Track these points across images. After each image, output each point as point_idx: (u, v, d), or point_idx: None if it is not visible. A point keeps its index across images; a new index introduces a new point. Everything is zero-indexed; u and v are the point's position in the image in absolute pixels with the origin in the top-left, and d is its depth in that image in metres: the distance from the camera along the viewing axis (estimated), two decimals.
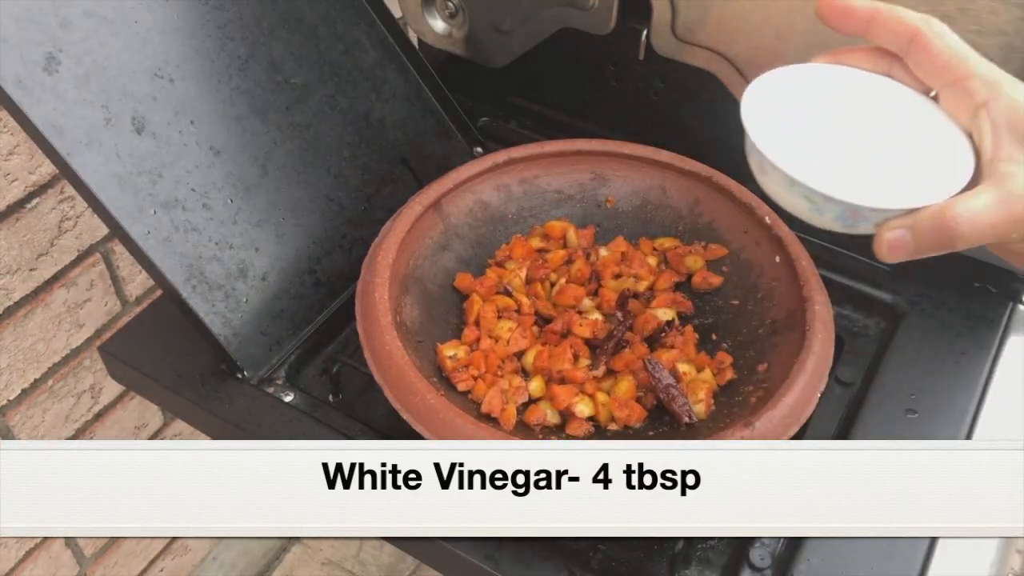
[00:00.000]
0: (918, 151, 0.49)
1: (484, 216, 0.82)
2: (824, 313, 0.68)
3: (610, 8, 0.83)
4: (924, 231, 0.46)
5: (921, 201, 0.45)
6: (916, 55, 0.48)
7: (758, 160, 0.50)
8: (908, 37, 0.48)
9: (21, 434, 0.97)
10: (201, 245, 0.71)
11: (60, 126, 0.64)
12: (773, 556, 0.63)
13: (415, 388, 0.63)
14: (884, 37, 0.49)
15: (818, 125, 0.52)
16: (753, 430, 0.60)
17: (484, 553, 0.62)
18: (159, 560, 1.28)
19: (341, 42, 0.84)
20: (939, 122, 0.49)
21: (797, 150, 0.49)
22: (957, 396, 0.72)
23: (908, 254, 0.48)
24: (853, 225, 0.49)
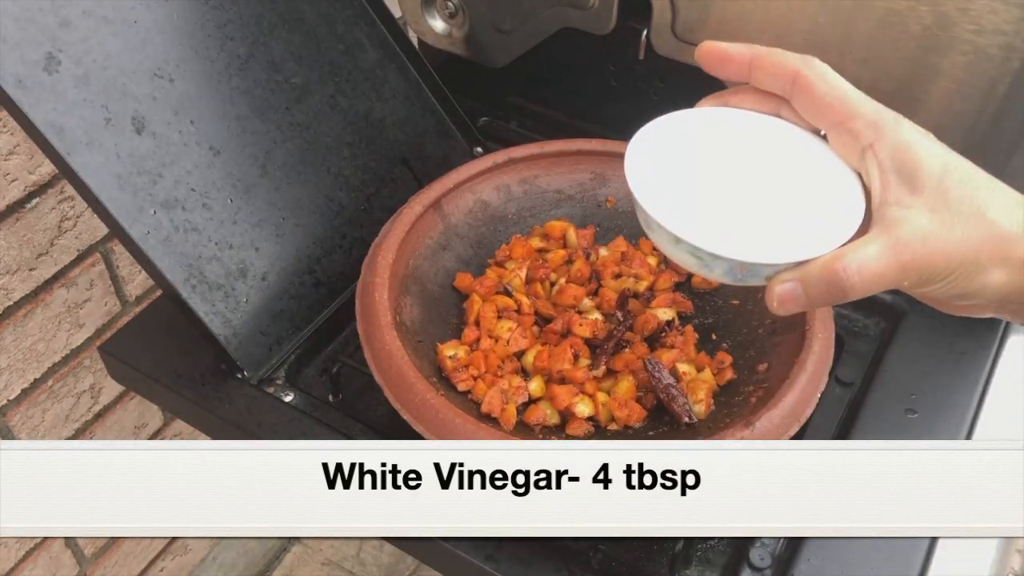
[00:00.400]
0: (807, 196, 0.47)
1: (484, 216, 0.82)
2: (824, 313, 0.68)
3: (610, 8, 0.83)
4: (814, 283, 0.44)
5: (810, 253, 0.44)
6: (799, 97, 0.47)
7: (643, 217, 0.48)
8: (789, 79, 0.47)
9: (21, 434, 0.97)
10: (201, 245, 0.71)
11: (60, 126, 0.64)
12: (773, 556, 0.63)
13: (415, 388, 0.63)
14: (766, 81, 0.48)
15: (704, 175, 0.50)
16: (753, 430, 0.60)
17: (484, 553, 0.62)
18: (159, 560, 1.28)
19: (341, 42, 0.84)
20: (829, 164, 0.47)
21: (683, 204, 0.47)
22: (957, 396, 0.72)
23: (800, 306, 0.45)
24: (743, 279, 0.47)
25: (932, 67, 0.71)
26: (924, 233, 0.42)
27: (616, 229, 0.83)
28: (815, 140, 0.49)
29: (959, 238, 0.42)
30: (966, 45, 0.69)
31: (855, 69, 0.75)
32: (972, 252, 0.42)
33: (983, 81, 0.70)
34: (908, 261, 0.42)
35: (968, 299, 0.44)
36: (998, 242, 0.42)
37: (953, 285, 0.43)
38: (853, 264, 0.42)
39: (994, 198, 0.43)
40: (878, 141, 0.44)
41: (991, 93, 0.70)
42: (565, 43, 0.89)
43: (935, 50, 0.70)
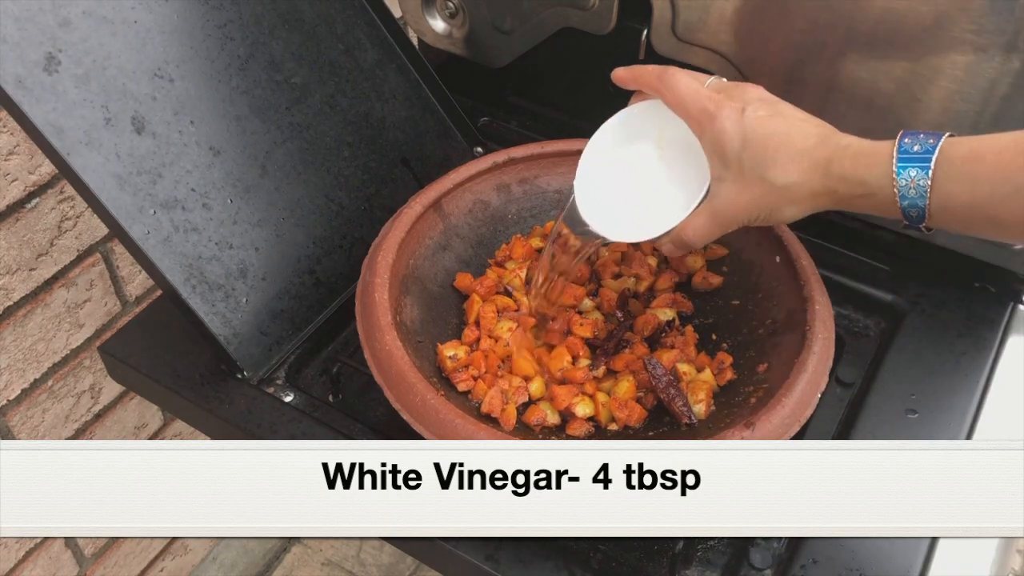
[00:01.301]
0: (673, 177, 0.67)
1: (484, 216, 0.82)
2: (824, 313, 0.68)
3: (610, 8, 0.83)
4: (675, 244, 0.66)
5: (668, 225, 0.65)
6: (664, 103, 0.66)
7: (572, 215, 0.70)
8: (655, 91, 0.66)
9: (21, 434, 0.97)
10: (201, 245, 0.71)
11: (60, 126, 0.64)
12: (773, 556, 0.63)
13: (415, 388, 0.63)
14: (648, 92, 0.68)
15: (612, 168, 0.70)
16: (753, 430, 0.60)
17: (484, 553, 0.62)
18: (159, 560, 1.28)
19: (341, 42, 0.84)
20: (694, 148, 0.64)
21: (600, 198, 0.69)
22: (957, 396, 0.72)
23: (674, 255, 0.72)
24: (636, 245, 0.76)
25: (932, 67, 0.71)
26: (729, 199, 0.62)
27: None
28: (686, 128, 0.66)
29: (750, 198, 0.61)
30: (966, 45, 0.69)
31: (855, 69, 0.75)
32: (763, 205, 0.61)
33: (983, 81, 0.70)
34: (722, 221, 0.63)
35: (783, 221, 0.62)
36: (779, 193, 0.60)
37: (764, 222, 0.62)
38: (690, 232, 0.64)
39: (776, 162, 0.59)
40: (703, 134, 0.63)
41: (991, 93, 0.70)
42: (565, 43, 0.89)
43: (935, 50, 0.70)
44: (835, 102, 0.77)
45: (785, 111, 0.61)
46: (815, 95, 0.78)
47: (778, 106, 0.62)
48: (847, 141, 0.58)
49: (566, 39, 0.88)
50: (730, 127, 0.61)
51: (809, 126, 0.60)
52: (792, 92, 0.78)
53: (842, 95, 0.77)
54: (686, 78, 0.64)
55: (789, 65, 0.78)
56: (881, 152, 0.56)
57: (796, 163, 0.59)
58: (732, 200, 0.62)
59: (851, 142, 0.58)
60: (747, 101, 0.61)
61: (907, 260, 0.82)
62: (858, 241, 0.84)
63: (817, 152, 0.58)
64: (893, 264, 0.83)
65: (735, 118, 0.61)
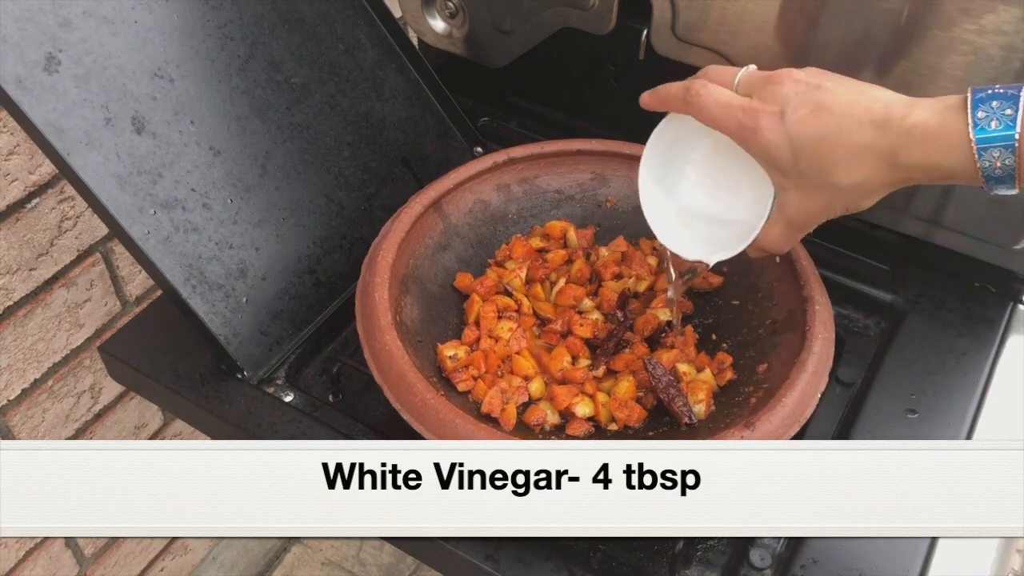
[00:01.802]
0: (736, 183, 0.63)
1: (484, 216, 0.82)
2: (824, 313, 0.68)
3: (610, 8, 0.83)
4: (760, 250, 0.63)
5: (745, 243, 0.63)
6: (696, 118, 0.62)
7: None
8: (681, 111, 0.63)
9: (21, 434, 0.97)
10: (201, 245, 0.71)
11: (60, 126, 0.64)
12: (773, 556, 0.63)
13: (415, 388, 0.63)
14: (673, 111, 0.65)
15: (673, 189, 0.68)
16: (753, 430, 0.60)
17: (484, 553, 0.62)
18: (159, 560, 1.28)
19: (341, 42, 0.84)
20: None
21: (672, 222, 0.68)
22: (957, 396, 0.72)
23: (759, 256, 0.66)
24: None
25: (932, 67, 0.71)
26: (800, 207, 0.59)
27: (616, 229, 0.83)
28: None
29: (822, 204, 0.58)
30: (966, 45, 0.69)
31: (855, 69, 0.75)
32: (838, 205, 0.58)
33: (983, 81, 0.70)
34: (800, 226, 0.61)
35: (864, 209, 0.59)
36: (850, 192, 0.57)
37: (846, 214, 0.59)
38: (770, 242, 0.62)
39: (837, 164, 0.55)
40: (749, 149, 0.59)
41: None
42: (565, 43, 0.89)
43: (935, 50, 0.70)
44: None
45: (828, 100, 0.55)
46: None
47: (819, 94, 0.56)
48: (910, 122, 0.53)
49: (566, 39, 0.88)
50: (774, 139, 0.56)
51: (859, 111, 0.54)
52: None
53: None
54: (713, 93, 0.60)
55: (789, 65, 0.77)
56: (953, 132, 0.51)
57: (859, 161, 0.55)
58: (804, 207, 0.59)
59: (915, 122, 0.53)
60: (784, 101, 0.56)
61: (907, 260, 0.82)
62: (858, 241, 0.84)
63: (879, 144, 0.54)
64: (893, 264, 0.83)
65: (776, 128, 0.56)
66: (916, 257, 0.82)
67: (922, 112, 0.53)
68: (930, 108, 0.53)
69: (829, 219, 0.60)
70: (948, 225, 0.79)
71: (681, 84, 0.62)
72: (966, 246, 0.79)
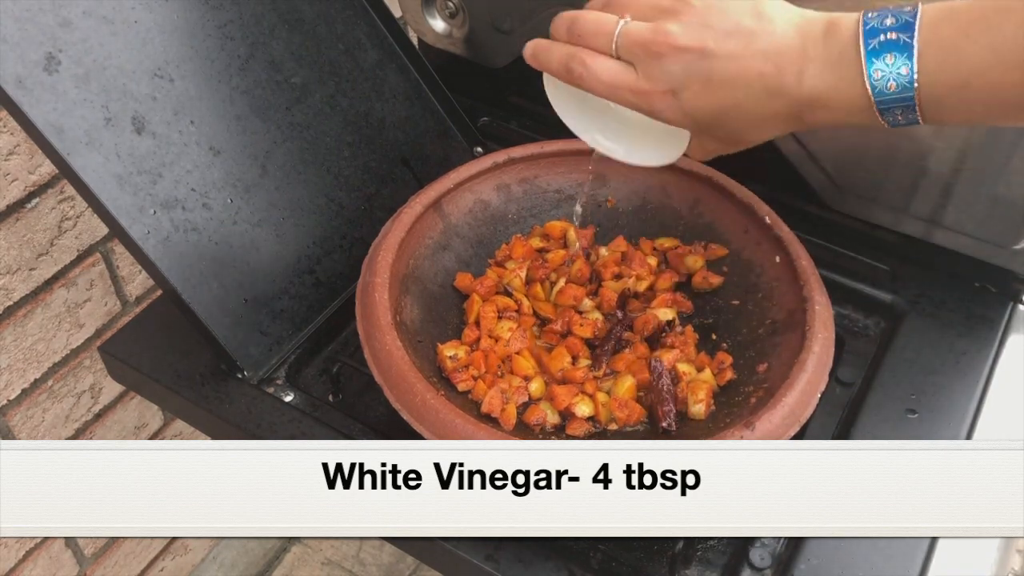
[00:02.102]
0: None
1: (484, 216, 0.82)
2: (824, 313, 0.68)
3: None
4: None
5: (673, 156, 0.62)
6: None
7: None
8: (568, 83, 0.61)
9: (21, 434, 0.97)
10: (201, 245, 0.71)
11: (60, 126, 0.64)
12: (773, 556, 0.63)
13: (415, 388, 0.63)
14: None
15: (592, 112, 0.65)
16: (753, 430, 0.60)
17: (484, 553, 0.62)
18: (159, 560, 1.28)
19: (341, 42, 0.84)
20: None
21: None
22: (957, 396, 0.72)
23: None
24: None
25: None
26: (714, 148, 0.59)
27: (616, 229, 0.83)
28: None
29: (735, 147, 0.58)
30: None
31: None
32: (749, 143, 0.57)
33: None
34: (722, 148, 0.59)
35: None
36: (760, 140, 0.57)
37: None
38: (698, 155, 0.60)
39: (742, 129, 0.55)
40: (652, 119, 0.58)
41: None
42: None
43: None
44: None
45: (717, 70, 0.52)
46: None
47: (707, 64, 0.52)
48: (806, 90, 0.51)
49: None
50: (674, 117, 0.55)
51: (752, 77, 0.51)
52: None
53: None
54: (596, 71, 0.56)
55: None
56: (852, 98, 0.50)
57: (766, 126, 0.54)
58: (718, 149, 0.59)
59: (810, 91, 0.51)
60: (673, 80, 0.53)
61: (907, 260, 0.82)
62: (858, 241, 0.84)
63: (780, 112, 0.52)
64: (893, 264, 0.83)
65: (673, 107, 0.54)
66: (916, 257, 0.82)
67: (815, 75, 0.50)
68: (823, 68, 0.50)
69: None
70: (948, 225, 0.79)
71: (561, 52, 0.58)
72: (966, 246, 0.79)
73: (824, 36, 0.51)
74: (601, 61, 0.56)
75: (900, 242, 0.83)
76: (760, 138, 0.56)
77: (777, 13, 0.52)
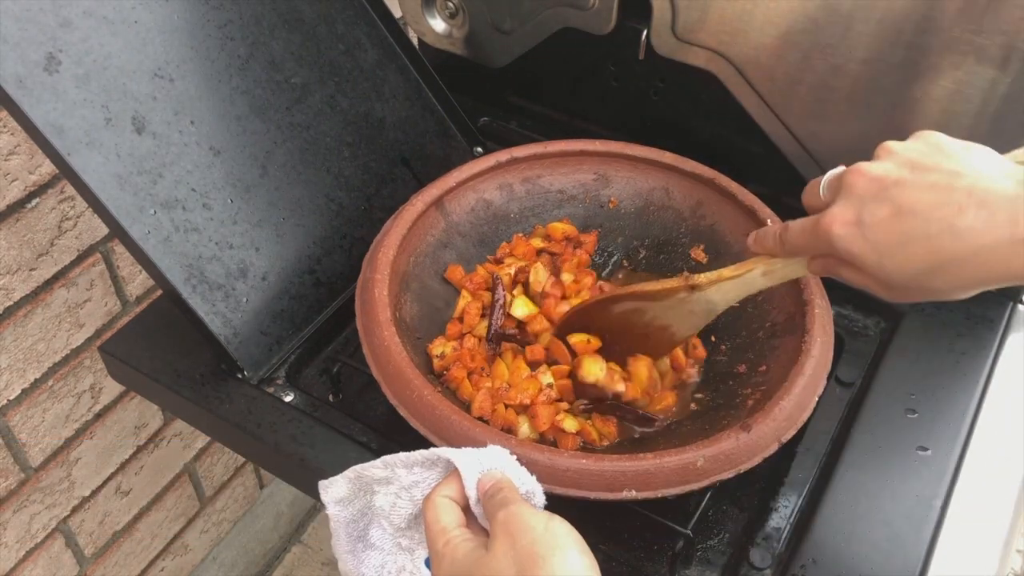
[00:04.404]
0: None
1: (486, 215, 0.82)
2: (824, 316, 0.68)
3: (610, 8, 0.83)
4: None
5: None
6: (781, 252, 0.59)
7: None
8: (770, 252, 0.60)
9: (21, 434, 0.97)
10: (201, 245, 0.71)
11: (60, 126, 0.64)
12: (773, 556, 0.63)
13: (412, 384, 0.63)
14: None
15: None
16: (749, 433, 0.60)
17: None
18: (159, 560, 1.28)
19: (341, 42, 0.84)
20: None
21: None
22: (957, 396, 0.72)
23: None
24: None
25: (932, 67, 0.71)
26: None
27: (618, 230, 0.83)
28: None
29: (913, 298, 0.51)
30: (966, 45, 0.69)
31: (855, 69, 0.75)
32: (923, 298, 0.51)
33: (983, 81, 0.70)
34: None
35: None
36: (943, 296, 0.49)
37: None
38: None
39: (930, 270, 0.48)
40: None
41: (991, 93, 0.70)
42: (565, 43, 0.89)
43: (935, 50, 0.70)
44: (835, 102, 0.77)
45: (909, 201, 0.47)
46: (815, 95, 0.78)
47: (897, 192, 0.48)
48: (1022, 232, 0.44)
49: (566, 39, 0.88)
50: (850, 247, 0.49)
51: (950, 209, 0.46)
52: (792, 92, 0.79)
53: (842, 95, 0.77)
54: (794, 225, 0.56)
55: (789, 65, 0.78)
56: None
57: (961, 274, 0.47)
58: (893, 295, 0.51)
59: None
60: (858, 207, 0.49)
61: None
62: None
63: (987, 256, 0.45)
64: None
65: (852, 236, 0.49)
66: None
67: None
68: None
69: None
70: None
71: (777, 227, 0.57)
72: None
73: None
74: (800, 220, 0.55)
75: None
76: (949, 287, 0.47)
77: (987, 161, 0.48)
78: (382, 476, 0.56)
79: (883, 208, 0.48)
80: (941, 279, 0.47)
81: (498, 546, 0.46)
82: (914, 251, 0.47)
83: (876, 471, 0.66)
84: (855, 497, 0.65)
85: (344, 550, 0.59)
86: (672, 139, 0.84)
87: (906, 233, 0.47)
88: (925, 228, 0.46)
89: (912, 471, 0.66)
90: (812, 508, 0.65)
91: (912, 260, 0.47)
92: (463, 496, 0.52)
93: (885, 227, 0.48)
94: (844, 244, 0.50)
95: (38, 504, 1.03)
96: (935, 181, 0.47)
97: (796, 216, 0.77)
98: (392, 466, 0.56)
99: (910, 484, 0.66)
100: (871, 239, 0.48)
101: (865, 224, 0.48)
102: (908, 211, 0.47)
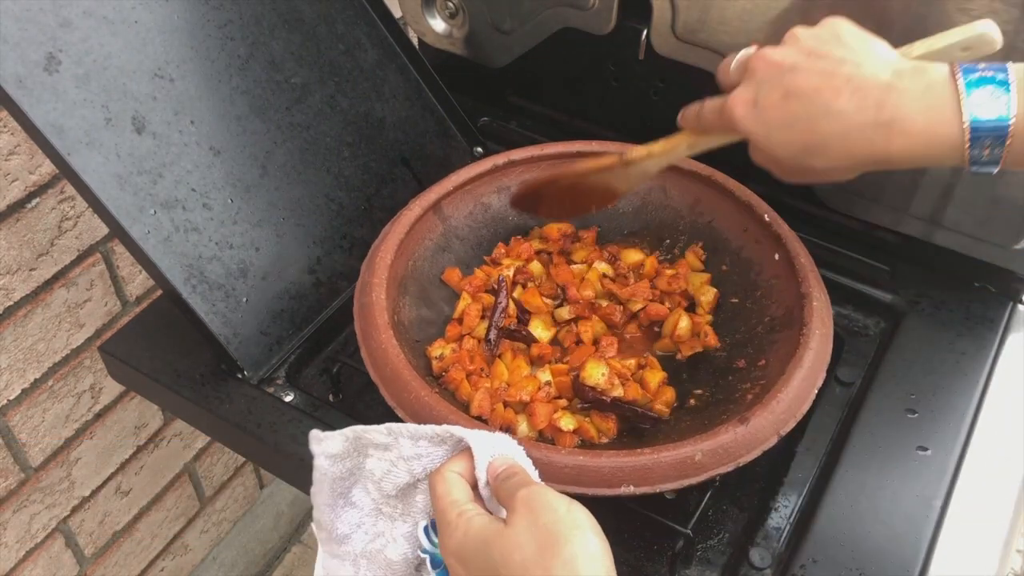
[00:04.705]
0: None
1: (484, 218, 0.82)
2: (822, 310, 0.68)
3: (610, 8, 0.83)
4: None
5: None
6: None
7: None
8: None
9: (21, 434, 0.97)
10: (201, 245, 0.71)
11: (60, 126, 0.64)
12: (773, 556, 0.63)
13: (410, 387, 0.63)
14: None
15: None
16: (747, 426, 0.60)
17: None
18: (159, 560, 1.28)
19: (341, 42, 0.84)
20: None
21: None
22: (957, 396, 0.72)
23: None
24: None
25: None
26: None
27: (617, 230, 0.83)
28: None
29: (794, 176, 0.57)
30: None
31: None
32: (804, 178, 0.57)
33: None
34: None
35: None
36: (820, 175, 0.55)
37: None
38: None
39: (807, 148, 0.53)
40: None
41: None
42: (565, 43, 0.89)
43: None
44: None
45: (798, 81, 0.52)
46: None
47: (789, 78, 0.52)
48: (888, 114, 0.50)
49: (566, 39, 0.88)
50: (749, 127, 0.55)
51: (828, 93, 0.51)
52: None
53: None
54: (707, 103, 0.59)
55: None
56: (941, 124, 0.49)
57: (834, 154, 0.52)
58: (777, 170, 0.57)
59: (895, 115, 0.50)
60: (756, 90, 0.54)
61: (907, 260, 0.82)
62: (858, 241, 0.84)
63: (857, 137, 0.51)
64: (893, 264, 0.83)
65: (750, 117, 0.54)
66: (916, 257, 0.82)
67: (899, 104, 0.50)
68: (912, 91, 0.50)
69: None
70: (948, 225, 0.79)
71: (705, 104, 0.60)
72: (966, 246, 0.79)
73: (912, 72, 0.51)
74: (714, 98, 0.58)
75: (900, 242, 0.83)
76: (825, 166, 0.53)
77: (875, 52, 0.53)
78: (382, 442, 0.56)
79: (776, 91, 0.53)
80: (818, 158, 0.52)
81: (519, 520, 0.47)
82: (797, 131, 0.52)
83: (876, 471, 0.66)
84: (855, 497, 0.65)
85: (323, 502, 0.59)
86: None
87: (792, 114, 0.52)
88: (807, 110, 0.51)
89: (912, 471, 0.66)
90: (812, 508, 0.65)
91: (795, 140, 0.52)
92: (472, 476, 0.52)
93: (776, 108, 0.53)
94: (743, 124, 0.55)
95: (38, 504, 1.03)
96: (823, 68, 0.52)
97: (796, 216, 0.77)
98: (397, 435, 0.56)
99: (910, 484, 0.65)
100: (763, 119, 0.53)
101: (760, 105, 0.53)
102: (795, 94, 0.52)
